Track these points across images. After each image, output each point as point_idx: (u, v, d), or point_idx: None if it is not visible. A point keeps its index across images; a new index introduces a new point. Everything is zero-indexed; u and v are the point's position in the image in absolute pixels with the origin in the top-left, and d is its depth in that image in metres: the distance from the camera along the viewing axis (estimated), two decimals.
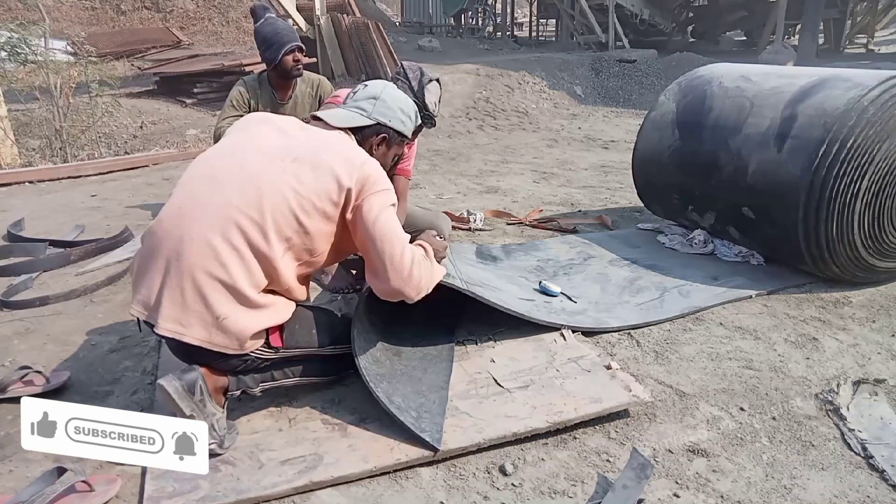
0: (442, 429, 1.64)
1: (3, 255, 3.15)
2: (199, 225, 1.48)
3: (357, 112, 1.76)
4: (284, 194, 1.52)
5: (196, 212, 1.50)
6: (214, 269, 1.46)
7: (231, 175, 1.54)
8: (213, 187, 1.53)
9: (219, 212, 1.49)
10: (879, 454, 1.63)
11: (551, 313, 2.33)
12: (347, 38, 8.14)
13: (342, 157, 1.60)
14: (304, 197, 1.53)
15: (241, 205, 1.49)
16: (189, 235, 1.47)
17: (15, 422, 1.80)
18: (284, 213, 1.51)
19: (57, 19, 11.04)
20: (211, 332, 1.47)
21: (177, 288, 1.46)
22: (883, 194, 2.53)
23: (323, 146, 1.62)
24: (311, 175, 1.55)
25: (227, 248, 1.47)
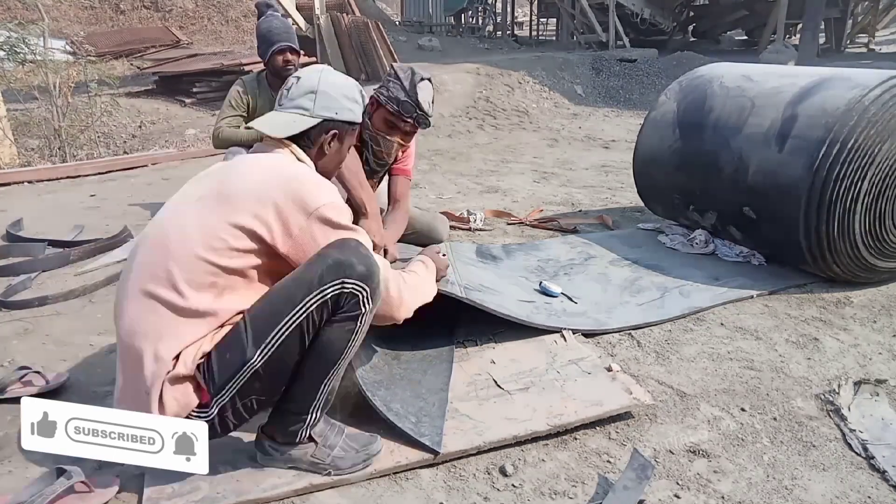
0: (442, 432, 1.63)
1: (2, 255, 3.15)
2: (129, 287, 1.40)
3: (297, 113, 1.55)
4: (190, 239, 1.36)
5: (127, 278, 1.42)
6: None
7: (166, 232, 1.41)
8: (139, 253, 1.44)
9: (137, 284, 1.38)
10: (880, 455, 1.63)
11: (552, 315, 2.33)
12: (347, 37, 8.13)
13: (257, 182, 1.41)
14: (212, 237, 1.35)
15: (174, 269, 1.36)
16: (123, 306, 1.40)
17: (15, 422, 1.80)
18: (192, 260, 1.35)
19: (56, 19, 11.04)
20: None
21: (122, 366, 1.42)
22: (884, 194, 2.52)
23: (235, 176, 1.44)
24: (217, 211, 1.37)
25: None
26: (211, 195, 1.41)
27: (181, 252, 1.35)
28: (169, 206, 1.48)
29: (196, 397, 1.36)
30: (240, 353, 1.34)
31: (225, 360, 1.34)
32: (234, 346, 1.35)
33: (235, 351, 1.34)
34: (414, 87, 2.18)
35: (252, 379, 1.35)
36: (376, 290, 1.42)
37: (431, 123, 2.33)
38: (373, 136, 2.27)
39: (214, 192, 1.41)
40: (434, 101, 2.30)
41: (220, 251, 1.35)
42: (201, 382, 1.35)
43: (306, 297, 1.33)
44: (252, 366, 1.34)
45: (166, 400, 1.34)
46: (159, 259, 1.36)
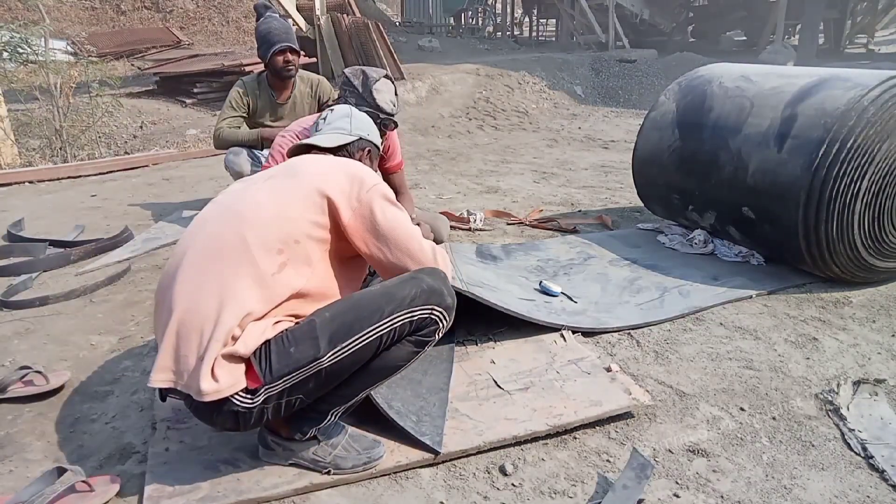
0: (442, 432, 1.64)
1: (3, 255, 3.15)
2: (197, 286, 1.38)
3: (337, 133, 1.78)
4: (264, 208, 1.45)
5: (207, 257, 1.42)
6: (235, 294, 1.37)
7: (237, 216, 1.46)
8: (223, 226, 1.46)
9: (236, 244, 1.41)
10: (879, 454, 1.63)
11: (551, 313, 2.33)
12: (347, 38, 8.13)
13: (323, 165, 1.57)
14: (286, 205, 1.46)
15: (254, 239, 1.41)
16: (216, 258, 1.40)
17: (15, 422, 1.80)
18: (266, 224, 1.42)
19: (57, 19, 11.05)
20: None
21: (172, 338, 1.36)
22: (883, 194, 2.53)
23: (299, 162, 1.60)
24: (287, 184, 1.50)
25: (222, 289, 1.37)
26: (280, 175, 1.53)
27: (256, 219, 1.42)
28: (227, 195, 1.55)
29: (244, 381, 1.34)
30: (310, 350, 1.34)
31: (288, 353, 1.34)
32: (302, 342, 1.35)
33: (304, 346, 1.35)
34: (368, 90, 2.13)
35: (311, 377, 1.36)
36: (451, 320, 1.51)
37: (397, 123, 2.27)
38: None
39: (282, 173, 1.54)
40: (397, 94, 2.21)
41: (293, 220, 1.43)
42: (256, 368, 1.33)
43: (395, 313, 1.40)
44: (319, 364, 1.35)
45: (218, 372, 1.31)
46: (233, 227, 1.42)
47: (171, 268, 1.43)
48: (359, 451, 1.55)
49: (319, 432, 1.51)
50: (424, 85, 7.98)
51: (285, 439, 1.50)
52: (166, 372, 1.34)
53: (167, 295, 1.39)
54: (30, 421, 1.81)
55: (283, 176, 1.53)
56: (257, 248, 1.38)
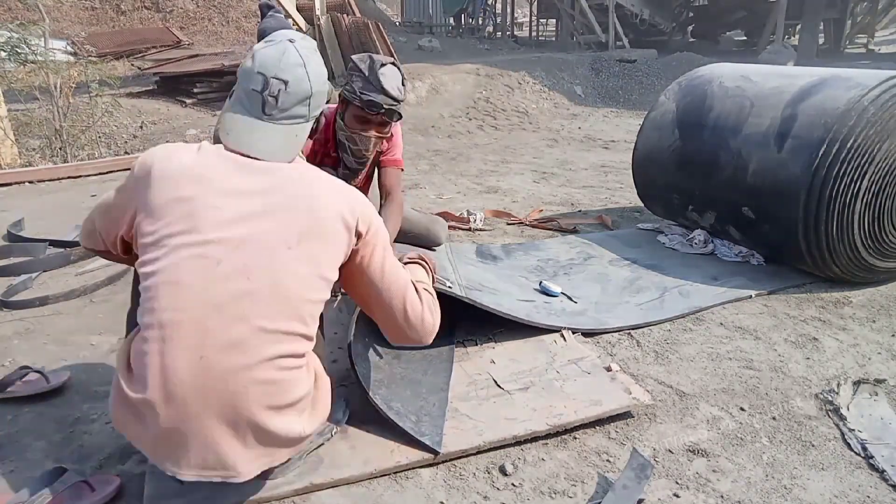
0: (442, 431, 1.64)
1: (3, 255, 3.15)
2: (243, 370, 1.20)
3: (294, 124, 1.35)
4: (313, 286, 1.26)
5: (231, 355, 1.19)
6: (282, 397, 1.25)
7: (243, 295, 1.20)
8: (229, 317, 1.19)
9: (263, 345, 1.20)
10: (880, 454, 1.63)
11: (551, 315, 2.33)
12: (347, 37, 8.13)
13: (336, 200, 1.31)
14: (326, 277, 1.28)
15: (283, 325, 1.22)
16: (236, 384, 1.19)
17: (15, 421, 1.80)
18: (317, 304, 1.29)
19: (57, 19, 11.04)
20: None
21: (244, 432, 1.23)
22: (883, 194, 2.53)
23: (311, 200, 1.28)
24: (325, 252, 1.27)
25: (282, 373, 1.24)
26: (304, 233, 1.25)
27: (308, 296, 1.26)
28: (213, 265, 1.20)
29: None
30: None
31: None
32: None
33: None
34: (376, 76, 2.04)
35: None
36: None
37: (402, 114, 2.17)
38: (348, 136, 2.17)
39: (303, 229, 1.25)
40: (404, 83, 2.14)
41: (336, 269, 1.32)
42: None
43: None
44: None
45: (322, 404, 1.37)
46: (286, 311, 1.23)
47: (199, 374, 1.19)
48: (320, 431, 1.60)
49: None
50: (424, 85, 7.98)
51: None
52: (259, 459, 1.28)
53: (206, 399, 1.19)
54: (30, 421, 1.80)
55: (313, 234, 1.26)
56: (309, 318, 1.28)
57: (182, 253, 1.19)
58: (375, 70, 2.06)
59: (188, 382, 1.17)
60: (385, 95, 2.06)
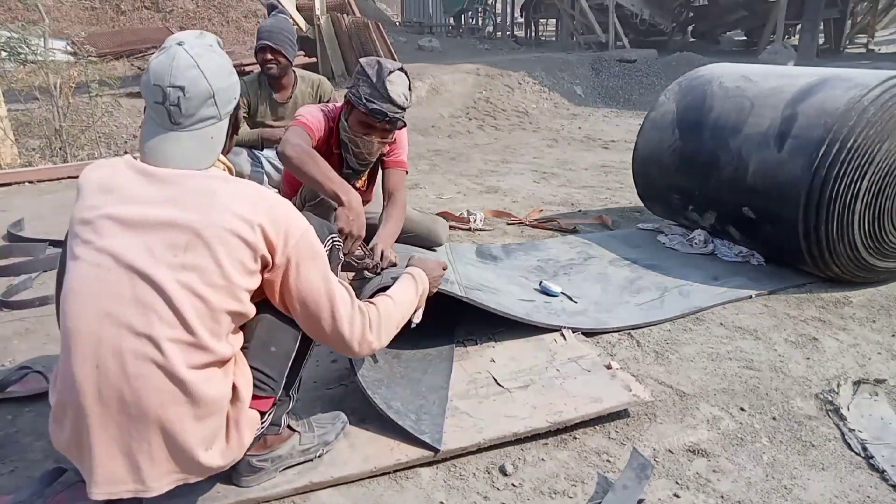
0: (442, 429, 1.64)
1: (3, 255, 3.15)
2: (139, 377, 1.17)
3: (207, 126, 1.30)
4: (202, 295, 1.20)
5: (124, 363, 1.16)
6: (181, 410, 1.20)
7: (130, 303, 1.18)
8: (118, 325, 1.17)
9: (152, 353, 1.17)
10: (880, 454, 1.63)
11: (551, 314, 2.33)
12: (347, 37, 8.13)
13: (235, 213, 1.23)
14: (222, 286, 1.22)
15: (168, 333, 1.17)
16: (134, 394, 1.17)
17: (14, 422, 1.80)
18: (212, 314, 1.22)
19: (57, 19, 11.04)
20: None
21: (148, 444, 1.20)
22: (883, 194, 2.53)
23: (209, 208, 1.22)
24: (213, 257, 1.20)
25: (176, 386, 1.19)
26: (190, 242, 1.20)
27: (198, 308, 1.21)
28: (104, 273, 1.19)
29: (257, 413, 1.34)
30: (290, 338, 1.39)
31: (271, 353, 1.37)
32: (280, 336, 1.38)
33: (284, 338, 1.39)
34: (383, 82, 2.03)
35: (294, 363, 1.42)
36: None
37: (405, 122, 2.15)
38: (351, 138, 2.17)
39: (190, 240, 1.20)
40: (411, 88, 2.13)
41: (238, 296, 1.25)
42: (260, 393, 1.34)
43: None
44: (297, 346, 1.42)
45: (243, 434, 1.30)
46: (175, 320, 1.19)
47: (94, 381, 1.17)
48: (332, 422, 1.63)
49: (296, 426, 1.54)
50: (424, 85, 7.98)
51: (268, 449, 1.47)
52: (169, 476, 1.23)
53: (109, 407, 1.18)
54: (30, 421, 1.80)
55: (200, 241, 1.21)
56: (208, 338, 1.22)
57: (82, 262, 1.22)
58: (383, 78, 2.04)
59: (87, 392, 1.16)
60: (391, 104, 2.05)
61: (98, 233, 1.22)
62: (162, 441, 1.20)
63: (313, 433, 1.56)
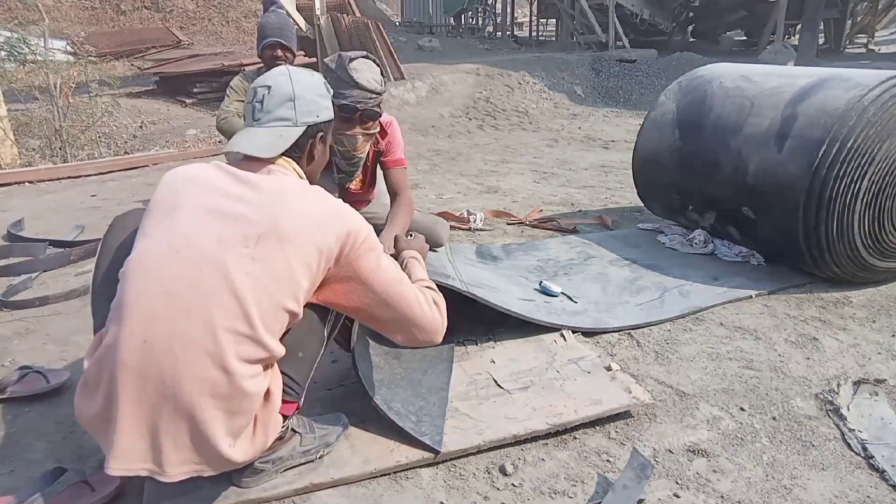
0: (442, 431, 1.64)
1: (3, 255, 3.15)
2: (185, 361, 1.18)
3: (280, 126, 1.41)
4: (266, 289, 1.22)
5: (173, 344, 1.17)
6: (217, 401, 1.20)
7: (192, 286, 1.19)
8: (176, 306, 1.18)
9: (204, 339, 1.18)
10: (880, 454, 1.63)
11: (551, 314, 2.33)
12: (347, 37, 8.14)
13: (312, 214, 1.29)
14: (287, 283, 1.24)
15: (226, 322, 1.18)
16: (175, 376, 1.17)
17: (14, 421, 1.80)
18: (273, 309, 1.23)
19: (56, 19, 11.05)
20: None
21: (175, 427, 1.20)
22: (883, 194, 2.53)
23: (282, 207, 1.28)
24: (283, 254, 1.24)
25: (223, 375, 1.19)
26: (263, 235, 1.24)
27: (262, 301, 1.22)
28: (171, 255, 1.22)
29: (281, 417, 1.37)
30: (316, 342, 1.44)
31: (301, 360, 1.39)
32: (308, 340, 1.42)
33: (311, 342, 1.42)
34: (346, 70, 2.00)
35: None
36: None
37: (380, 111, 2.12)
38: (335, 138, 2.12)
39: (263, 232, 1.24)
40: (384, 74, 2.11)
41: (298, 297, 1.27)
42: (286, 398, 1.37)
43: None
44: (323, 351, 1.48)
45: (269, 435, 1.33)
46: (238, 312, 1.20)
47: (143, 356, 1.18)
48: (333, 423, 1.63)
49: (296, 426, 1.54)
50: (424, 85, 7.98)
51: (269, 450, 1.46)
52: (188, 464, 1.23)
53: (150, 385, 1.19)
54: (30, 421, 1.81)
55: (272, 238, 1.24)
56: (266, 336, 1.24)
57: (154, 240, 1.24)
58: (345, 66, 2.02)
59: (128, 365, 1.17)
60: (360, 89, 2.02)
61: (173, 215, 1.26)
62: (190, 428, 1.19)
63: (314, 434, 1.56)
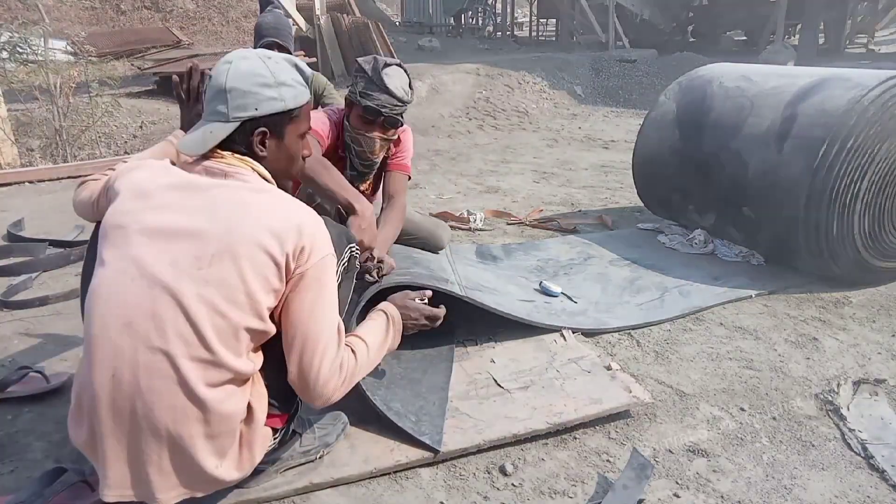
0: (442, 430, 1.64)
1: (3, 255, 3.15)
2: (154, 391, 1.15)
3: (215, 122, 1.29)
4: (223, 313, 1.18)
5: (139, 377, 1.15)
6: (194, 427, 1.19)
7: (149, 316, 1.16)
8: (137, 338, 1.15)
9: (168, 370, 1.15)
10: (880, 454, 1.63)
11: (551, 314, 2.33)
12: (347, 37, 8.14)
13: (264, 226, 1.21)
14: (245, 303, 1.19)
15: (186, 350, 1.16)
16: (147, 406, 1.15)
17: (15, 422, 1.80)
18: (233, 331, 1.19)
19: (57, 19, 11.04)
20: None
21: (158, 456, 1.19)
22: (883, 194, 2.53)
23: (237, 220, 1.21)
24: (237, 272, 1.18)
25: (192, 403, 1.17)
26: (217, 254, 1.19)
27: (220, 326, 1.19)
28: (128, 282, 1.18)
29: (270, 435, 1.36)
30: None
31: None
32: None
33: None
34: (379, 74, 2.02)
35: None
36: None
37: (403, 120, 2.13)
38: (353, 137, 2.14)
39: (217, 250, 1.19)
40: (412, 86, 2.13)
41: (262, 315, 1.23)
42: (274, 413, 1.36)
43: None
44: None
45: (255, 451, 1.31)
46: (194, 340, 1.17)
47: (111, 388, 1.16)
48: (332, 423, 1.63)
49: (297, 426, 1.53)
50: (424, 85, 7.98)
51: (269, 452, 1.43)
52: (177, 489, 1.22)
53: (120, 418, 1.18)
54: (30, 421, 1.81)
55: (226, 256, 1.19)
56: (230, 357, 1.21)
57: (109, 267, 1.20)
58: (379, 70, 2.04)
59: (102, 399, 1.16)
60: (389, 95, 2.04)
61: (127, 239, 1.21)
62: (172, 455, 1.19)
63: (314, 434, 1.56)
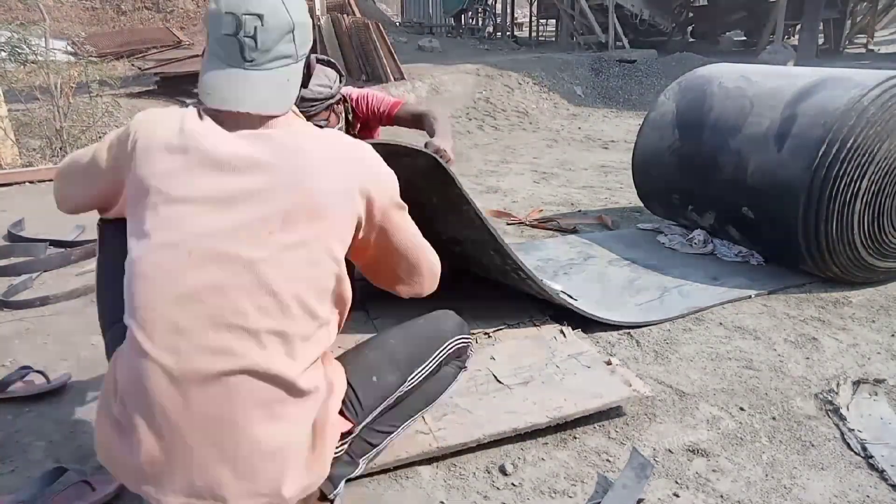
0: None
1: (3, 255, 3.15)
2: (222, 378, 1.04)
3: (282, 66, 1.14)
4: (301, 273, 1.07)
5: (204, 363, 1.04)
6: (259, 418, 1.07)
7: (215, 288, 1.03)
8: (202, 319, 1.04)
9: (239, 351, 1.04)
10: (879, 454, 1.63)
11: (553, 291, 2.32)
12: (347, 37, 8.14)
13: (336, 170, 1.11)
14: (325, 266, 1.10)
15: (261, 323, 1.04)
16: (215, 399, 1.04)
17: (15, 421, 1.80)
18: (315, 293, 1.09)
19: (57, 19, 11.04)
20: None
21: (235, 460, 1.05)
22: (883, 194, 2.53)
23: (305, 170, 1.09)
24: (315, 233, 1.07)
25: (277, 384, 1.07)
26: (290, 214, 1.07)
27: (300, 288, 1.08)
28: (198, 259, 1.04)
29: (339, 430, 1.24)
30: (393, 376, 1.35)
31: (373, 384, 1.30)
32: (383, 370, 1.34)
33: (386, 373, 1.34)
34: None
35: (389, 406, 1.36)
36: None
37: (335, 94, 2.23)
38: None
39: (289, 210, 1.07)
40: (340, 74, 2.29)
41: (339, 260, 1.13)
42: (346, 411, 1.25)
43: (447, 341, 1.48)
44: (400, 390, 1.36)
45: (328, 448, 1.18)
46: (274, 307, 1.05)
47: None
48: None
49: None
50: (424, 85, 7.98)
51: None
52: (252, 497, 1.07)
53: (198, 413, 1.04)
54: (30, 421, 1.81)
55: (302, 213, 1.07)
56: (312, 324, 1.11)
57: (154, 242, 1.04)
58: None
59: (165, 403, 1.02)
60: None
61: (170, 204, 1.04)
62: (244, 456, 1.06)
63: None
